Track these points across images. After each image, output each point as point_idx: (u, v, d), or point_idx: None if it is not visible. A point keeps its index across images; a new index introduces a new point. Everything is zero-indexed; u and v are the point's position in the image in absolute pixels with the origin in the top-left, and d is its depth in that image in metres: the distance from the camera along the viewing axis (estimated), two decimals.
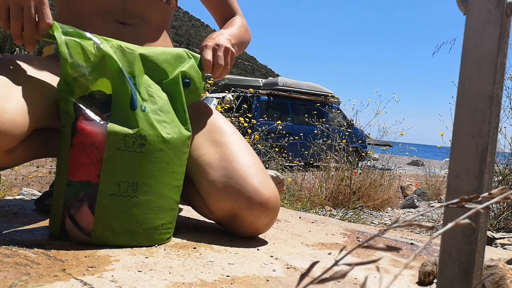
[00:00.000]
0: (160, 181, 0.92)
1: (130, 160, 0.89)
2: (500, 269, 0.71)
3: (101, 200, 0.87)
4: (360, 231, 1.33)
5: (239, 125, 3.87)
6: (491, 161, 0.45)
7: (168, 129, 0.94)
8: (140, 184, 0.90)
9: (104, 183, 0.87)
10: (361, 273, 0.88)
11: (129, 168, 0.89)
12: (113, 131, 0.87)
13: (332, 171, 3.53)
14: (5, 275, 0.69)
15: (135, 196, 0.89)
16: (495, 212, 2.26)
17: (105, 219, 0.88)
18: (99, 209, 0.87)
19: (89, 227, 0.87)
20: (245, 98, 7.96)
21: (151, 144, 0.90)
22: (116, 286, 0.69)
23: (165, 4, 1.21)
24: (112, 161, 0.87)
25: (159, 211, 0.93)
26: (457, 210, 0.44)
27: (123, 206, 0.88)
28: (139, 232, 0.90)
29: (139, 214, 0.90)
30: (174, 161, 0.95)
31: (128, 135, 0.88)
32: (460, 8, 0.47)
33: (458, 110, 0.46)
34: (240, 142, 1.10)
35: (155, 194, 0.92)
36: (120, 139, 0.88)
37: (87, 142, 0.87)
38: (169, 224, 0.97)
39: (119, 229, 0.89)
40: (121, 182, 0.88)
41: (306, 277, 0.27)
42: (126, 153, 0.88)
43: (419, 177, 6.60)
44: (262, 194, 1.01)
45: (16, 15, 0.87)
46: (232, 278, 0.78)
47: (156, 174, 0.92)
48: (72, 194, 0.87)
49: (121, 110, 0.89)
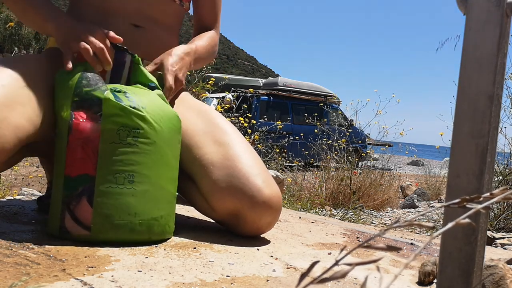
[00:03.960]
0: (155, 172, 0.95)
1: (124, 153, 0.91)
2: (500, 269, 0.71)
3: (98, 192, 0.89)
4: (360, 231, 1.33)
5: (239, 125, 3.87)
6: (491, 161, 0.45)
7: (160, 122, 0.96)
8: (136, 176, 0.92)
9: (101, 177, 0.89)
10: (361, 273, 0.88)
11: (124, 160, 0.91)
12: (107, 126, 0.90)
13: (332, 171, 3.53)
14: (5, 275, 0.69)
15: (132, 187, 0.91)
16: (495, 212, 2.26)
17: (104, 212, 0.89)
18: (97, 202, 0.88)
19: (88, 221, 0.88)
20: (245, 98, 7.96)
21: (144, 136, 0.93)
22: (116, 286, 0.69)
23: (179, 5, 1.21)
24: (107, 154, 0.90)
25: (156, 201, 0.94)
26: (457, 210, 0.44)
27: (120, 197, 0.90)
28: (138, 223, 0.91)
29: (137, 204, 0.91)
30: (168, 153, 0.98)
31: (122, 129, 0.91)
32: (460, 8, 0.47)
33: (458, 110, 0.46)
34: (241, 142, 1.10)
35: (152, 185, 0.94)
36: (114, 133, 0.90)
37: (82, 138, 0.89)
38: (168, 216, 0.97)
39: (118, 221, 0.90)
40: (117, 174, 0.90)
41: (306, 277, 0.27)
42: (120, 145, 0.91)
43: (419, 177, 6.60)
44: (265, 193, 1.01)
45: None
46: (232, 278, 0.78)
47: (151, 166, 0.94)
48: (71, 189, 0.89)
49: (114, 107, 0.91)
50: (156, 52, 1.15)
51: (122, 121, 0.91)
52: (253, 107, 7.92)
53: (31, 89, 0.94)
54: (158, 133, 0.95)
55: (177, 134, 1.02)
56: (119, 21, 1.11)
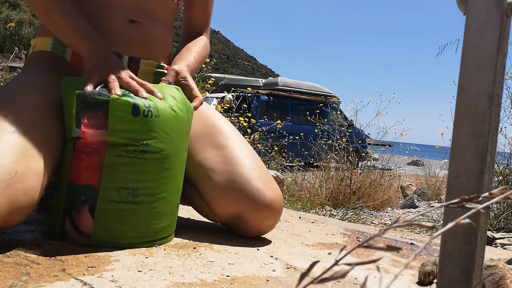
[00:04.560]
0: (161, 186, 0.92)
1: (131, 167, 0.88)
2: (500, 269, 0.71)
3: (101, 206, 0.86)
4: (360, 231, 1.33)
5: (239, 125, 3.87)
6: (491, 161, 0.45)
7: (171, 131, 0.92)
8: (141, 190, 0.89)
9: (104, 190, 0.86)
10: (361, 273, 0.88)
11: (129, 174, 0.88)
12: (114, 138, 0.86)
13: (332, 171, 3.53)
14: (5, 275, 0.69)
15: (135, 202, 0.88)
16: (495, 212, 2.26)
17: (105, 224, 0.87)
18: (99, 215, 0.86)
19: (88, 231, 0.87)
20: (245, 98, 7.96)
21: (153, 151, 0.89)
22: (116, 286, 0.69)
23: (175, 4, 1.21)
24: (113, 167, 0.87)
25: (160, 215, 0.92)
26: (457, 210, 0.44)
27: (123, 212, 0.88)
28: (139, 236, 0.90)
29: (140, 219, 0.90)
30: (176, 165, 0.95)
31: (130, 142, 0.87)
32: (460, 8, 0.47)
33: (458, 110, 0.46)
34: (241, 143, 1.09)
35: (157, 199, 0.91)
36: (121, 147, 0.87)
37: (89, 147, 0.86)
38: (170, 226, 0.97)
39: (119, 234, 0.88)
40: (122, 188, 0.87)
41: (306, 277, 0.27)
42: (127, 159, 0.87)
43: (419, 177, 6.59)
44: (266, 196, 1.01)
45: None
46: (232, 278, 0.78)
47: (158, 179, 0.91)
48: (74, 196, 0.87)
49: (123, 117, 0.87)
50: (152, 47, 1.14)
51: (130, 134, 0.87)
52: (253, 107, 7.91)
53: (42, 124, 0.89)
54: (168, 144, 0.91)
55: (186, 140, 0.99)
56: (116, 16, 1.08)
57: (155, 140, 0.89)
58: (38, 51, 1.11)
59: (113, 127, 0.86)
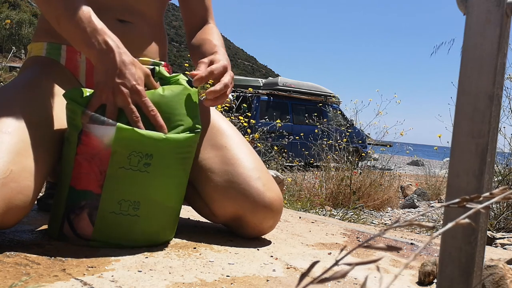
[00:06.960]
0: (164, 196, 0.91)
1: (133, 180, 0.86)
2: (500, 269, 0.71)
3: (101, 215, 0.86)
4: (360, 231, 1.33)
5: (240, 125, 3.87)
6: (491, 161, 0.45)
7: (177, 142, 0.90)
8: (142, 203, 0.88)
9: (105, 201, 0.85)
10: (361, 273, 0.88)
11: (131, 187, 0.86)
12: (118, 149, 0.85)
13: (332, 171, 3.53)
14: (5, 275, 0.69)
15: (135, 214, 0.87)
16: (495, 212, 2.26)
17: (104, 232, 0.87)
18: (98, 223, 0.86)
19: (87, 235, 0.87)
20: (245, 98, 7.96)
21: (157, 163, 0.87)
22: (116, 286, 0.69)
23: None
24: (115, 179, 0.85)
25: (161, 221, 0.92)
26: (457, 210, 0.44)
27: (123, 223, 0.87)
28: (139, 241, 0.90)
29: (140, 228, 0.89)
30: (181, 174, 0.93)
31: (133, 154, 0.85)
32: (460, 8, 0.47)
33: (458, 110, 0.46)
34: (240, 143, 1.08)
35: (159, 209, 0.90)
36: (124, 158, 0.85)
37: (90, 153, 0.85)
38: (170, 230, 0.96)
39: (119, 241, 0.88)
40: (123, 200, 0.86)
41: (306, 277, 0.27)
42: (130, 172, 0.86)
43: (419, 177, 6.59)
44: (266, 197, 1.00)
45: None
46: (232, 278, 0.78)
47: (161, 190, 0.90)
48: (74, 200, 0.87)
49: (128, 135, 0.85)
50: (143, 47, 1.12)
51: (134, 146, 0.85)
52: (253, 107, 7.92)
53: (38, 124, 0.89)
54: (173, 155, 0.89)
55: (193, 150, 0.96)
56: (105, 16, 1.03)
57: (160, 151, 0.87)
58: (33, 57, 1.10)
59: (118, 135, 0.84)
